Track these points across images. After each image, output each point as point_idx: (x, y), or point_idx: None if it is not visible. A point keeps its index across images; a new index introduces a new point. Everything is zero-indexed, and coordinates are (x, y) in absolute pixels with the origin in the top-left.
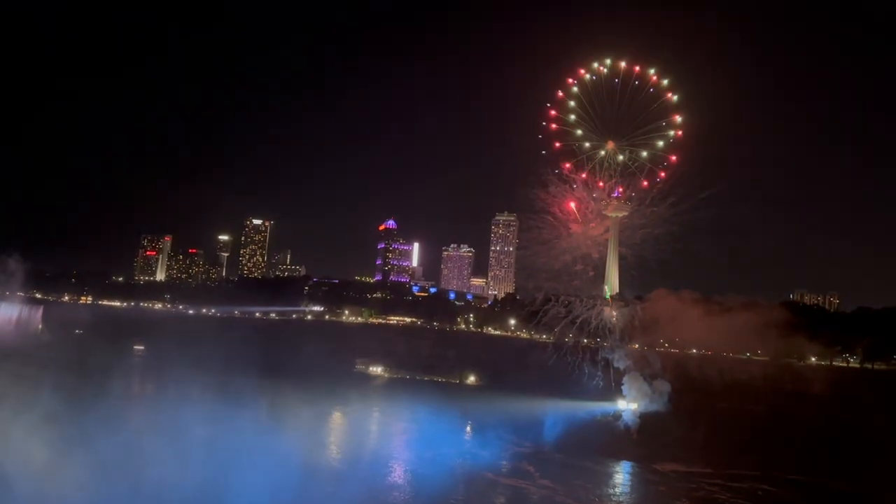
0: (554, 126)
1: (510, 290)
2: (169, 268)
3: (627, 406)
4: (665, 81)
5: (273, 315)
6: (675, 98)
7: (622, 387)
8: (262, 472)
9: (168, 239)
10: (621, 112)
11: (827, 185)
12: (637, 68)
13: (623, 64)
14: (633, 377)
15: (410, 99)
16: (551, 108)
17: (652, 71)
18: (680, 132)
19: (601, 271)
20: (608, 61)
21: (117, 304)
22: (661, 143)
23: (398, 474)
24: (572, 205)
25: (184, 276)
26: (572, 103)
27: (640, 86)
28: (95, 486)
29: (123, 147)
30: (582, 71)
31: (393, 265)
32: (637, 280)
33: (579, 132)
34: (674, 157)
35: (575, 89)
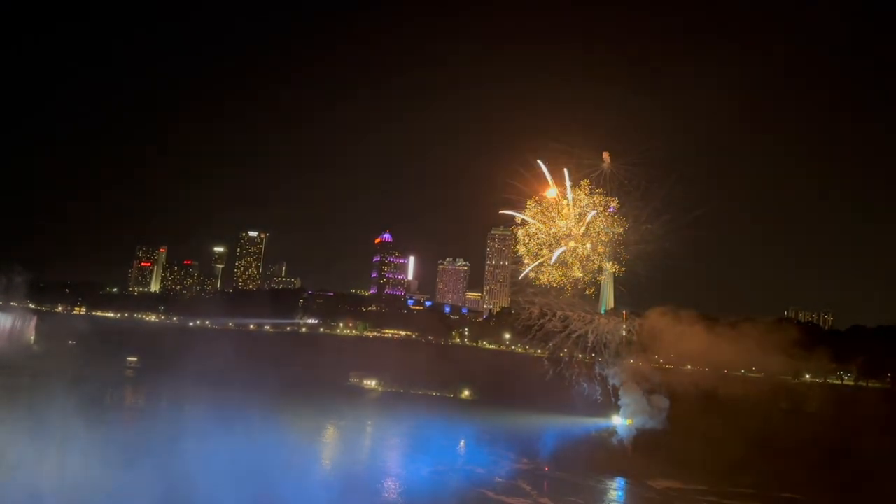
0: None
1: (505, 304)
2: (164, 279)
3: (623, 422)
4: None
5: (268, 327)
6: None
7: (618, 403)
8: (251, 487)
9: (163, 250)
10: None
11: (821, 202)
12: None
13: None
14: (629, 393)
15: (407, 112)
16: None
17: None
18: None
19: (590, 286)
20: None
21: (111, 315)
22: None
23: (391, 490)
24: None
25: (178, 287)
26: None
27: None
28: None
29: (120, 158)
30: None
31: (388, 278)
32: (628, 296)
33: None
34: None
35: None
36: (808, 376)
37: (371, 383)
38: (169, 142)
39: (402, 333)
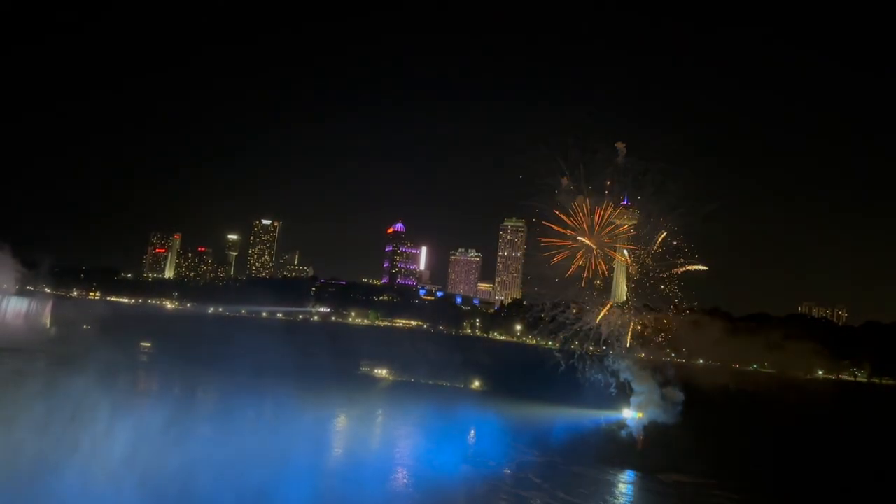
0: None
1: (517, 295)
2: (178, 266)
3: (633, 415)
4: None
5: (280, 315)
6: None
7: (630, 396)
8: (257, 475)
9: (177, 237)
10: None
11: (836, 198)
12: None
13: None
14: (641, 386)
15: (421, 103)
16: None
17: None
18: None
19: (602, 278)
20: None
21: (126, 300)
22: None
23: (400, 480)
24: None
25: (192, 274)
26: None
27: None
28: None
29: (135, 145)
30: None
31: (400, 268)
32: (640, 289)
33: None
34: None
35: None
36: (820, 372)
37: (382, 372)
38: (185, 130)
39: (414, 323)
